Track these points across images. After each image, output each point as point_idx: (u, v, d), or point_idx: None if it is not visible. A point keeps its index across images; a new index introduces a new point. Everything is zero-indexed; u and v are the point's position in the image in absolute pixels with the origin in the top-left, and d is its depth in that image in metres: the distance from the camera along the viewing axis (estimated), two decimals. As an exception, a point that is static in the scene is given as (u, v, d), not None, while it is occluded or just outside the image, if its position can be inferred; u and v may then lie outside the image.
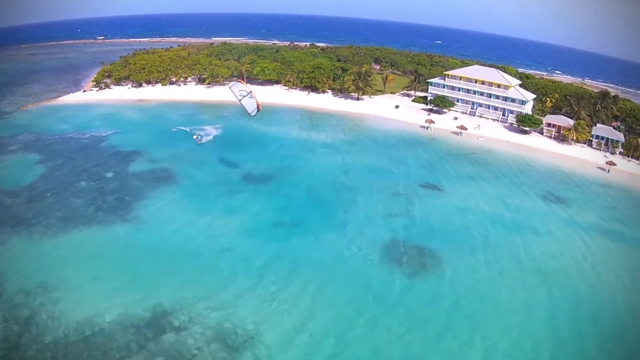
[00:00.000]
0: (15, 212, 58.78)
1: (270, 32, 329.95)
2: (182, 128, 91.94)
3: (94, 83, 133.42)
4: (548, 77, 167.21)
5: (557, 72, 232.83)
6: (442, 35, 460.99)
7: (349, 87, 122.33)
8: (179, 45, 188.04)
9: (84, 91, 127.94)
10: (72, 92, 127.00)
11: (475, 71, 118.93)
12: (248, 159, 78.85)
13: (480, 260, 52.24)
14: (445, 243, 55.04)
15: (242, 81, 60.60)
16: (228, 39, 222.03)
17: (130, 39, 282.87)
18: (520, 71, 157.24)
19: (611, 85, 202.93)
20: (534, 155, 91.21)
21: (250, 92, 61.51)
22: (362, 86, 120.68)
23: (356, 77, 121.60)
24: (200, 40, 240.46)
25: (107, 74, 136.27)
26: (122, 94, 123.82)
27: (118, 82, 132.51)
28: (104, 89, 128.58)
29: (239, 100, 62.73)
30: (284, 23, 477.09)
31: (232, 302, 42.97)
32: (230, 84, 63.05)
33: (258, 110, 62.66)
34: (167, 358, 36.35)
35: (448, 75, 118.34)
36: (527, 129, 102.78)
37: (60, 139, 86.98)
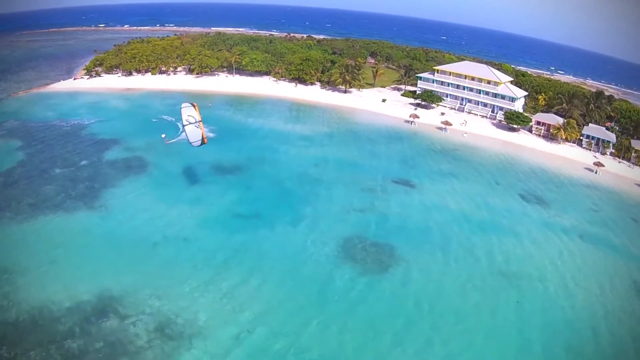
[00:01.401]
0: (-12, 197, 58.85)
1: (272, 23, 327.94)
2: (164, 117, 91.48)
3: (86, 71, 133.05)
4: (545, 76, 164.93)
5: (559, 71, 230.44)
6: (448, 31, 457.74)
7: (336, 79, 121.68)
8: (175, 35, 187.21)
9: (75, 79, 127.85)
10: (64, 80, 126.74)
11: (465, 67, 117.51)
12: (222, 149, 78.14)
13: (445, 261, 51.14)
14: (410, 241, 54.09)
15: (196, 105, 55.85)
16: (226, 29, 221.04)
17: (132, 27, 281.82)
18: (517, 69, 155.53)
19: (613, 86, 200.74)
20: (520, 153, 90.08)
21: (199, 121, 55.35)
22: (349, 79, 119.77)
23: (343, 70, 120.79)
24: (199, 29, 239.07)
25: (98, 62, 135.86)
26: (112, 82, 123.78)
27: (109, 70, 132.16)
28: (95, 77, 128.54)
29: (183, 126, 55.72)
30: (288, 14, 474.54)
31: (180, 293, 42.82)
32: (184, 104, 56.33)
33: (203, 143, 55.87)
34: (106, 343, 36.71)
35: (437, 70, 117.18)
36: (515, 126, 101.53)
37: (43, 126, 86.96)
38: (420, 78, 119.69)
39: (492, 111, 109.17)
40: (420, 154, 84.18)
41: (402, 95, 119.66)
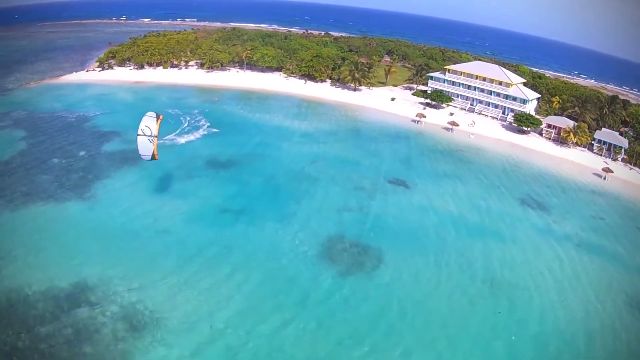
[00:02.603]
0: (-15, 185, 59.74)
1: (294, 20, 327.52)
2: (169, 111, 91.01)
3: (98, 63, 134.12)
4: (562, 79, 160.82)
5: (582, 75, 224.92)
6: (474, 32, 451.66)
7: (345, 77, 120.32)
8: (192, 29, 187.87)
9: (87, 71, 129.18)
10: (76, 72, 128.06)
11: (477, 67, 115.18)
12: (223, 144, 77.88)
13: (436, 265, 49.53)
14: (402, 244, 52.69)
15: (160, 118, 52.16)
16: (246, 25, 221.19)
17: (152, 21, 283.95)
18: (535, 71, 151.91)
19: (635, 92, 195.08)
20: (527, 156, 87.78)
21: (154, 136, 51.57)
22: (358, 77, 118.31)
23: (353, 68, 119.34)
24: (219, 24, 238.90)
25: (112, 54, 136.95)
26: (123, 75, 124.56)
27: (122, 63, 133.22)
28: (107, 69, 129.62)
29: (137, 135, 51.72)
30: (312, 12, 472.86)
31: (153, 285, 42.63)
32: (148, 113, 52.52)
33: (153, 159, 52.65)
34: (74, 330, 37.02)
35: (449, 70, 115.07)
36: (525, 128, 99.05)
37: (49, 117, 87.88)
38: (432, 77, 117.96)
39: (503, 112, 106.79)
40: (424, 154, 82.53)
41: (412, 94, 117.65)
